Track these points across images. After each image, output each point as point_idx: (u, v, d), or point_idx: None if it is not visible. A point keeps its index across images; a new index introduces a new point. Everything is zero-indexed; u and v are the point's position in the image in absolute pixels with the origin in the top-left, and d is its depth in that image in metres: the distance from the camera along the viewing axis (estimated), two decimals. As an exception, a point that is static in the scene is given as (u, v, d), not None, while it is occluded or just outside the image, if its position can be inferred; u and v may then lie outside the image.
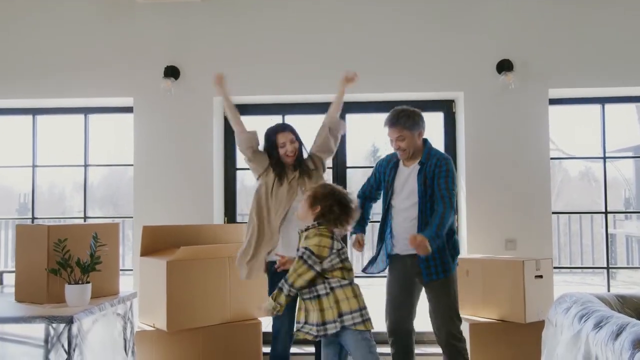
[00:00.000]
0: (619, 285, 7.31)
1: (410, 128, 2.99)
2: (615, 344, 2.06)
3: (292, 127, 3.25)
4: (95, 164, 4.60)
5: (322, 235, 2.60)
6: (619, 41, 4.05)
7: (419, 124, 3.03)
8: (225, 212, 4.35)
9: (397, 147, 3.04)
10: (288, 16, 4.19)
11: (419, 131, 3.04)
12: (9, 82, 4.27)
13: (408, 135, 3.00)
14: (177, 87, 4.15)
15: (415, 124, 3.01)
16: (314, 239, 2.59)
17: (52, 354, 2.62)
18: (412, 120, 3.00)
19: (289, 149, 3.14)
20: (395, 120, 3.01)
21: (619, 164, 8.75)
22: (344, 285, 2.60)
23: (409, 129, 2.99)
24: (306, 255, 2.56)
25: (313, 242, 2.58)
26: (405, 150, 3.02)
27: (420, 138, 3.06)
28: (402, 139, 3.00)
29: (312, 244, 2.58)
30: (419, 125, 3.03)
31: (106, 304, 2.98)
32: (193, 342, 3.42)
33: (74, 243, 2.91)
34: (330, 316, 2.56)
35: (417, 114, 3.05)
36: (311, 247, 2.56)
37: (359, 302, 2.61)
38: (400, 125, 2.99)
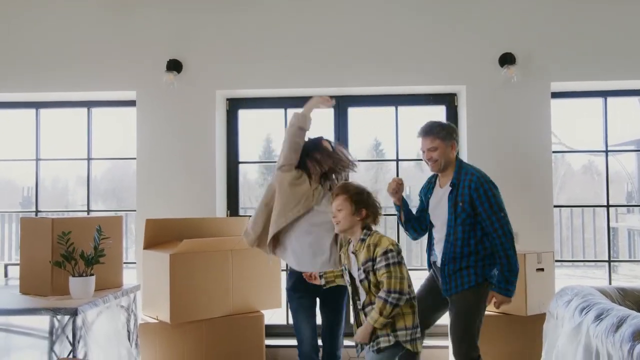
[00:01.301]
0: (620, 278, 7.32)
1: (444, 138, 2.93)
2: (616, 336, 2.08)
3: None
4: (98, 158, 4.61)
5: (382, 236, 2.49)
6: (621, 35, 4.04)
7: (452, 136, 2.97)
8: (227, 205, 4.36)
9: (429, 158, 2.96)
10: (291, 10, 4.19)
11: (452, 143, 2.96)
12: (12, 75, 4.28)
13: (441, 145, 2.93)
14: (179, 81, 4.16)
15: (449, 135, 2.95)
16: (385, 240, 2.46)
17: (56, 345, 2.66)
18: (445, 131, 2.95)
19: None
20: (428, 130, 2.96)
21: (622, 157, 8.73)
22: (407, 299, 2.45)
23: (442, 139, 2.93)
24: (393, 257, 2.41)
25: (386, 242, 2.45)
26: (437, 161, 2.95)
27: (453, 151, 2.97)
28: (434, 149, 2.93)
29: (387, 244, 2.44)
30: (452, 137, 2.96)
31: (110, 296, 3.01)
32: (196, 334, 3.44)
33: (78, 236, 2.94)
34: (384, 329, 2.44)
35: (451, 126, 3.01)
36: (391, 247, 2.42)
37: (414, 319, 2.49)
38: (433, 135, 2.93)
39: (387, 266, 2.39)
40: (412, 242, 8.51)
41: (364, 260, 2.48)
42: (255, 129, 4.51)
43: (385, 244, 2.44)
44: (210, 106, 4.19)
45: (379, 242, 2.46)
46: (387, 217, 7.98)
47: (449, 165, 2.97)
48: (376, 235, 2.51)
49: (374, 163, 11.01)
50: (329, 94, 4.25)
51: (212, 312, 3.48)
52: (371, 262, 2.45)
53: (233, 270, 3.58)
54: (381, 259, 2.41)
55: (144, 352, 3.42)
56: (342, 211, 2.53)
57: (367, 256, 2.46)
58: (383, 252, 2.41)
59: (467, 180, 2.88)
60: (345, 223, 2.53)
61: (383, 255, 2.41)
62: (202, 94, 4.19)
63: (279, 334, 4.23)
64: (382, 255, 2.41)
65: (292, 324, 2.98)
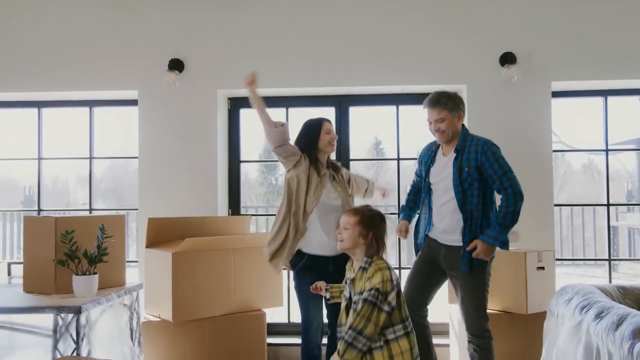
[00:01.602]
0: (621, 277, 7.34)
1: (451, 109, 2.92)
2: (616, 334, 2.09)
3: None
4: (100, 157, 4.62)
5: (381, 269, 2.36)
6: (622, 34, 4.05)
7: (459, 106, 2.96)
8: (229, 204, 4.38)
9: (437, 129, 2.95)
10: (292, 9, 4.20)
11: (459, 113, 2.96)
12: (14, 75, 4.29)
13: (448, 116, 2.92)
14: (181, 80, 4.17)
15: (456, 105, 2.95)
16: (377, 276, 2.34)
17: (60, 343, 2.67)
18: (452, 101, 2.94)
19: (332, 135, 3.14)
20: (435, 100, 2.95)
21: (622, 156, 8.75)
22: (399, 336, 2.37)
23: (449, 110, 2.92)
24: (373, 296, 2.29)
25: (377, 280, 2.32)
26: (444, 132, 2.94)
27: (460, 122, 2.97)
28: (442, 120, 2.93)
29: (377, 282, 2.32)
30: (459, 107, 2.96)
31: (113, 294, 3.02)
32: (198, 332, 3.45)
33: (80, 235, 2.95)
34: None
35: (457, 96, 3.00)
36: (378, 286, 2.30)
37: (412, 354, 2.38)
38: (441, 106, 2.92)
39: (364, 301, 2.30)
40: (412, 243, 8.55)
41: (359, 291, 2.41)
42: (255, 127, 4.51)
43: (376, 280, 2.33)
44: (211, 105, 4.20)
45: (372, 277, 2.35)
46: (387, 216, 8.01)
47: (456, 136, 2.98)
48: (375, 266, 2.39)
49: (374, 162, 11.04)
50: (330, 93, 4.30)
51: (214, 311, 3.49)
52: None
53: (235, 268, 3.60)
54: (365, 294, 2.33)
55: (147, 351, 3.44)
56: (348, 230, 2.47)
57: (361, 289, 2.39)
58: (369, 289, 2.33)
59: (472, 145, 2.90)
60: (348, 242, 2.47)
61: (368, 291, 2.32)
62: (204, 93, 4.20)
63: (280, 333, 4.25)
64: (367, 291, 2.33)
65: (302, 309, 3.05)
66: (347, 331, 2.31)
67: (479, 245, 2.83)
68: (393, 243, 7.70)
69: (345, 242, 2.47)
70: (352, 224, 2.46)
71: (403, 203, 3.39)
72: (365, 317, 2.29)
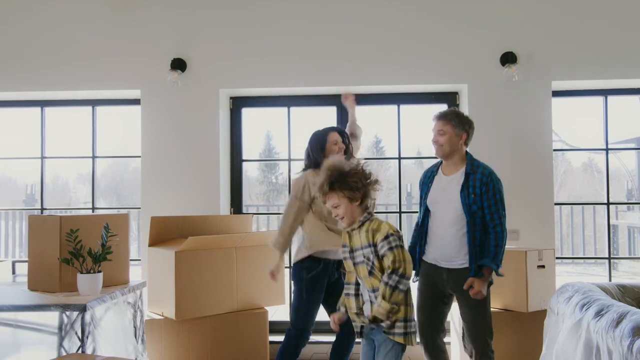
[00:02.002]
0: (620, 275, 7.36)
1: (454, 126, 2.97)
2: (616, 331, 2.11)
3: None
4: (103, 156, 4.64)
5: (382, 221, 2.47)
6: (622, 34, 4.07)
7: (464, 127, 3.00)
8: (231, 202, 4.40)
9: (435, 141, 3.01)
10: (294, 8, 4.22)
11: (462, 133, 2.99)
12: (17, 74, 4.31)
13: (450, 131, 2.97)
14: (183, 79, 4.19)
15: (461, 123, 2.99)
16: (384, 225, 2.44)
17: (66, 341, 2.69)
18: (457, 119, 2.99)
19: (340, 146, 3.21)
20: (443, 114, 3.02)
21: (622, 155, 8.77)
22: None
23: (452, 126, 2.97)
24: (395, 239, 2.39)
25: (386, 228, 2.43)
26: (442, 146, 2.98)
27: (461, 141, 3.00)
28: (443, 134, 2.97)
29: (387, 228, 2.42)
30: (463, 127, 2.99)
31: (117, 292, 3.05)
32: (201, 330, 3.48)
33: (85, 233, 2.98)
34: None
35: (467, 118, 3.04)
36: (391, 231, 2.40)
37: (407, 311, 2.46)
38: (445, 120, 2.98)
39: (391, 249, 2.37)
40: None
41: (363, 244, 2.46)
42: (255, 125, 4.55)
43: (385, 229, 2.42)
44: (214, 105, 4.23)
45: (378, 228, 2.43)
46: (388, 215, 8.03)
47: (454, 154, 3.00)
48: (376, 220, 2.49)
49: (374, 160, 11.06)
50: (331, 92, 4.31)
51: (217, 309, 3.52)
52: (371, 247, 2.43)
53: (237, 267, 3.62)
54: (383, 244, 2.39)
55: (150, 348, 3.46)
56: (340, 207, 2.49)
57: (367, 241, 2.44)
58: (384, 237, 2.39)
59: (479, 173, 2.93)
60: (349, 215, 2.49)
61: (385, 240, 2.39)
62: (206, 92, 4.22)
63: (282, 330, 4.25)
64: (383, 240, 2.39)
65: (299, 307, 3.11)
66: (398, 279, 2.35)
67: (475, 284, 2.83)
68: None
69: (346, 217, 2.49)
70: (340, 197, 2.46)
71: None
72: (401, 260, 2.36)
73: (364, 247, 2.46)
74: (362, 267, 2.48)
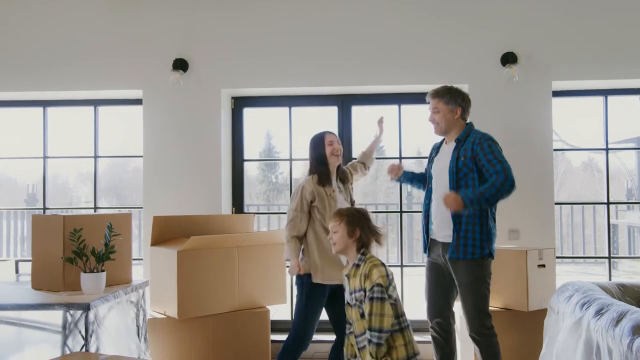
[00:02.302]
0: (620, 274, 7.37)
1: (447, 102, 3.00)
2: (616, 330, 2.12)
3: None
4: (105, 156, 4.66)
5: (376, 265, 2.51)
6: (622, 34, 4.08)
7: (457, 101, 3.01)
8: (232, 202, 4.42)
9: (431, 120, 3.06)
10: (295, 8, 4.23)
11: (456, 108, 3.01)
12: (19, 74, 4.33)
13: (442, 108, 3.00)
14: (185, 79, 4.21)
15: (452, 99, 3.01)
16: (375, 272, 2.47)
17: (69, 339, 2.71)
18: (450, 94, 3.01)
19: (335, 146, 3.23)
20: (435, 92, 3.05)
21: (622, 155, 8.79)
22: (394, 331, 2.49)
23: (445, 103, 3.00)
24: (378, 292, 2.43)
25: (375, 276, 2.46)
26: (438, 124, 3.03)
27: (455, 116, 3.01)
28: (437, 112, 3.02)
29: (376, 277, 2.45)
30: (456, 102, 3.01)
31: (120, 291, 3.06)
32: (203, 329, 3.49)
33: (88, 233, 2.99)
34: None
35: (458, 91, 3.05)
36: (379, 282, 2.44)
37: (407, 351, 2.49)
38: (438, 97, 3.02)
39: (370, 300, 2.43)
40: (413, 241, 8.61)
41: (356, 287, 2.55)
42: (255, 125, 4.56)
43: (375, 277, 2.46)
44: (215, 105, 4.24)
45: (369, 274, 2.49)
46: (388, 215, 8.04)
47: (452, 129, 3.03)
48: (369, 263, 2.53)
49: (375, 160, 11.06)
50: (333, 92, 4.34)
51: (219, 308, 3.53)
52: (362, 292, 2.51)
53: (239, 266, 3.63)
54: (369, 293, 2.45)
55: (152, 347, 3.48)
56: (337, 233, 2.61)
57: (359, 286, 2.52)
58: (371, 287, 2.45)
59: (472, 137, 2.95)
60: (340, 244, 2.61)
61: (370, 290, 2.45)
62: (208, 92, 4.24)
63: (283, 329, 4.28)
64: (369, 290, 2.45)
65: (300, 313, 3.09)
66: (371, 334, 2.42)
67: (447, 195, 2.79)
68: (393, 241, 7.77)
69: (338, 244, 2.62)
70: (339, 227, 2.61)
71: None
72: (378, 314, 2.42)
73: (357, 290, 2.54)
74: (355, 310, 2.56)
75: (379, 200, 10.08)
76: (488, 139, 2.95)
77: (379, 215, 8.09)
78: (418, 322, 4.29)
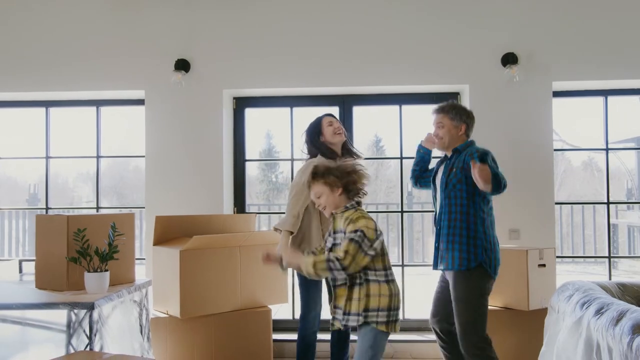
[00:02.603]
0: (620, 274, 7.39)
1: (452, 118, 3.05)
2: (616, 329, 2.15)
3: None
4: (107, 156, 4.68)
5: (364, 217, 2.44)
6: (622, 34, 4.10)
7: (462, 119, 3.06)
8: (234, 202, 4.43)
9: (435, 134, 3.10)
10: (296, 9, 4.25)
11: (461, 125, 3.05)
12: (21, 75, 4.35)
13: (448, 124, 3.05)
14: (187, 80, 4.23)
15: (458, 115, 3.05)
16: (361, 221, 2.41)
17: (74, 338, 2.73)
18: (455, 111, 3.06)
19: (335, 125, 3.27)
20: (441, 107, 3.10)
21: (622, 154, 8.80)
22: (381, 281, 2.44)
23: (450, 119, 3.04)
24: (360, 237, 2.36)
25: (361, 223, 2.40)
26: (441, 138, 3.07)
27: (460, 132, 3.05)
28: (442, 127, 3.06)
29: (361, 225, 2.39)
30: (461, 118, 3.05)
31: (124, 291, 3.08)
32: (205, 328, 3.50)
33: (91, 232, 3.01)
34: (355, 308, 2.42)
35: (464, 109, 3.10)
36: (363, 229, 2.37)
37: (391, 301, 2.44)
38: (443, 113, 3.07)
39: (352, 242, 2.35)
40: (413, 240, 8.62)
41: (336, 228, 2.51)
42: (256, 125, 4.58)
43: (360, 223, 2.40)
44: (217, 105, 4.26)
45: (355, 220, 2.42)
46: (389, 215, 8.06)
47: (455, 145, 3.06)
48: (359, 212, 2.47)
49: (374, 160, 11.09)
50: (334, 93, 4.36)
51: (221, 307, 3.55)
52: (342, 234, 2.45)
53: (241, 266, 3.65)
54: (349, 234, 2.38)
55: (155, 346, 3.49)
56: (322, 196, 2.53)
57: (341, 227, 2.47)
58: (353, 230, 2.38)
59: (469, 151, 2.96)
60: (330, 205, 2.52)
61: (354, 231, 2.37)
62: (210, 92, 4.26)
63: (285, 329, 4.30)
64: (350, 232, 2.39)
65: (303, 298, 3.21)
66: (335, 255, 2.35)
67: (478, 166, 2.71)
68: (394, 241, 7.78)
69: (328, 206, 2.53)
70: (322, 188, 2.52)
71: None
72: (352, 255, 2.34)
73: (338, 231, 2.51)
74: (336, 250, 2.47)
75: (379, 200, 10.10)
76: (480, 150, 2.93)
77: (379, 215, 8.11)
78: (417, 321, 4.33)
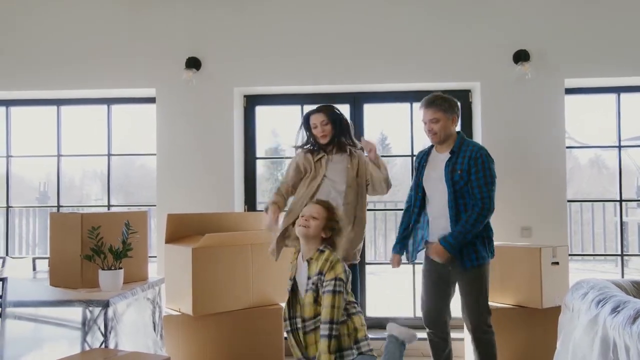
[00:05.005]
0: (631, 272, 7.34)
1: (445, 111, 3.00)
2: (633, 327, 2.13)
3: (327, 108, 3.39)
4: (118, 154, 4.70)
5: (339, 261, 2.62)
6: (635, 31, 4.08)
7: (454, 110, 3.04)
8: (245, 200, 4.44)
9: (430, 130, 3.04)
10: (309, 7, 4.25)
11: (453, 117, 3.03)
12: (33, 73, 4.37)
13: (442, 117, 3.00)
14: (198, 78, 4.23)
15: (451, 108, 3.03)
16: (339, 267, 2.60)
17: (89, 336, 2.74)
18: (447, 103, 3.03)
19: (319, 130, 3.30)
20: (431, 101, 3.04)
21: (631, 151, 8.75)
22: (359, 312, 2.68)
23: (443, 112, 3.00)
24: (339, 286, 2.55)
25: (339, 270, 2.58)
26: (437, 133, 3.03)
27: (453, 125, 3.05)
28: (436, 122, 3.01)
29: (340, 272, 2.58)
30: (453, 110, 3.04)
31: (137, 289, 3.09)
32: (217, 326, 3.51)
33: (105, 230, 3.02)
34: (347, 343, 2.59)
35: (453, 100, 3.08)
36: (341, 277, 2.57)
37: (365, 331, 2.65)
38: (436, 107, 3.01)
39: (333, 293, 2.53)
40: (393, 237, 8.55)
41: (316, 271, 2.61)
42: (263, 122, 4.59)
43: (339, 270, 2.57)
44: (228, 103, 4.27)
45: (335, 266, 2.58)
46: (386, 213, 8.03)
47: (449, 138, 3.05)
48: (335, 256, 2.62)
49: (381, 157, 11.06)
50: (345, 90, 4.35)
51: (233, 305, 3.55)
52: (321, 276, 2.58)
53: (253, 263, 3.65)
54: (330, 282, 2.54)
55: (168, 343, 3.50)
56: (316, 220, 2.66)
57: (321, 269, 2.59)
58: (334, 278, 2.55)
59: (467, 150, 2.96)
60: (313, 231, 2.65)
61: (333, 280, 2.54)
62: (221, 91, 4.26)
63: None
64: (332, 279, 2.54)
65: None
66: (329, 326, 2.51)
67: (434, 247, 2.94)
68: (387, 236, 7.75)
69: (311, 230, 2.65)
70: (321, 217, 2.66)
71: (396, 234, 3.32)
72: (336, 307, 2.52)
73: (316, 274, 2.60)
74: (309, 294, 2.62)
75: (386, 199, 10.06)
76: (484, 155, 2.96)
77: (386, 212, 8.09)
78: (416, 319, 4.32)
